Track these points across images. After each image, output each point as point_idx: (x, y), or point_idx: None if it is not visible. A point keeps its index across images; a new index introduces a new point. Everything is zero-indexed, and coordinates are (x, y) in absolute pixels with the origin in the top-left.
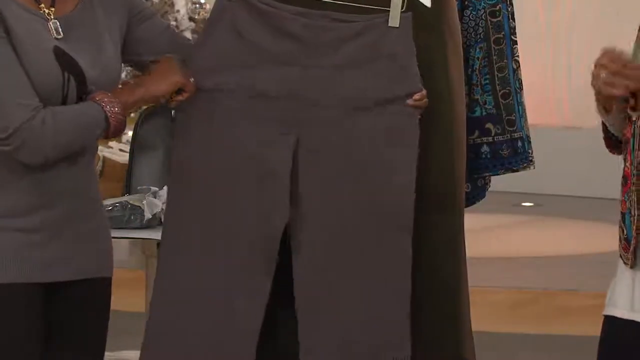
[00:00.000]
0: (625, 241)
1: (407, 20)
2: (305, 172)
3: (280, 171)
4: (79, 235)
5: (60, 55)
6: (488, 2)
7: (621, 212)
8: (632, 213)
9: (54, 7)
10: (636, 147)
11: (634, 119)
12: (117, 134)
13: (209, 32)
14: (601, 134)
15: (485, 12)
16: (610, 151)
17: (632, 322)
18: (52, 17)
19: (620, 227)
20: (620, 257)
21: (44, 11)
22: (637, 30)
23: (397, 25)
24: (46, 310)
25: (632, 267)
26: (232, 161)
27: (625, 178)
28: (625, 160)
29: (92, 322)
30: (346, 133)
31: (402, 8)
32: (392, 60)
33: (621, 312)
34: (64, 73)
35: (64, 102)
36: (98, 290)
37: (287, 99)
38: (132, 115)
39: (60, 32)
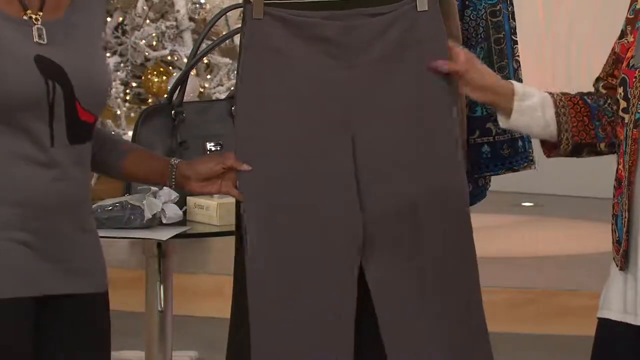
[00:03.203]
0: (616, 243)
1: (435, 1)
2: (365, 170)
3: (344, 174)
4: (72, 249)
5: (43, 63)
6: (488, 1)
7: (613, 214)
8: (624, 216)
9: (41, 11)
10: (627, 150)
11: (626, 121)
12: None
13: (248, 53)
14: None
15: (485, 11)
16: (547, 155)
17: (624, 325)
18: (39, 22)
19: (613, 229)
20: (613, 259)
21: (31, 17)
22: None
23: (427, 9)
24: (36, 326)
25: (622, 269)
26: (298, 169)
27: (618, 181)
28: (618, 162)
29: (89, 340)
30: (399, 126)
31: None
32: (425, 45)
33: (614, 314)
34: (47, 81)
35: (51, 111)
36: (92, 306)
37: (337, 102)
38: (132, 115)
39: (44, 38)
